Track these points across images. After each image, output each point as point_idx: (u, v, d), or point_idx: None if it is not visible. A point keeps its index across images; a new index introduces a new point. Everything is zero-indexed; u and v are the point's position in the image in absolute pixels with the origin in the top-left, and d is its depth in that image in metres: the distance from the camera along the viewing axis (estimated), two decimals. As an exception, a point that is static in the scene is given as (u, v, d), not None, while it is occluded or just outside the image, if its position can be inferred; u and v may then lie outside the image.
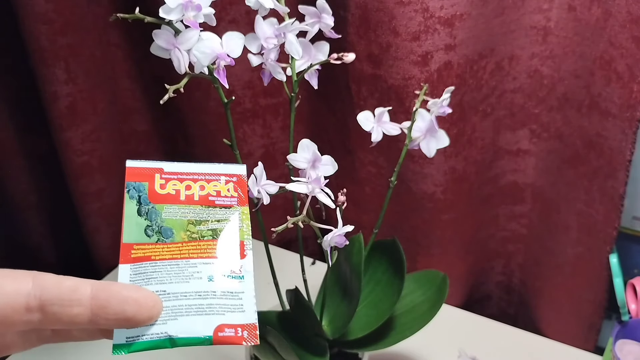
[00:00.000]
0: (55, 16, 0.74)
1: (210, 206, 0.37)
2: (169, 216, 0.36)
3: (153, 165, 0.38)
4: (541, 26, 0.67)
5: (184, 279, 0.35)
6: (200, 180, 0.38)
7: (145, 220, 0.36)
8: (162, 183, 0.37)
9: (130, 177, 0.37)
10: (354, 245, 0.52)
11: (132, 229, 0.36)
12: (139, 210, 0.36)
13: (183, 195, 0.37)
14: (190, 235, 0.36)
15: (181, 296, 0.34)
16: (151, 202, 0.37)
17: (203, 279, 0.35)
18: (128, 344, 0.33)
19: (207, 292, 0.35)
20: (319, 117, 0.83)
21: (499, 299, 0.88)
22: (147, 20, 0.42)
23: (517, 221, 0.81)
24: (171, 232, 0.36)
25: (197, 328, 0.34)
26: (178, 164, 0.38)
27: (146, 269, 0.35)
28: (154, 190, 0.37)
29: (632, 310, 0.64)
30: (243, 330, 0.35)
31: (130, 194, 0.37)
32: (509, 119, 0.74)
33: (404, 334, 0.57)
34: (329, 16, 0.48)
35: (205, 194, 0.38)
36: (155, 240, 0.36)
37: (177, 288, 0.34)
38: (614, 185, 0.66)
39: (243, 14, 0.75)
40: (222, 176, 0.38)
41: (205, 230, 0.36)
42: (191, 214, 0.37)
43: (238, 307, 0.35)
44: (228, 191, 0.38)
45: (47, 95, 0.79)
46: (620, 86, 0.62)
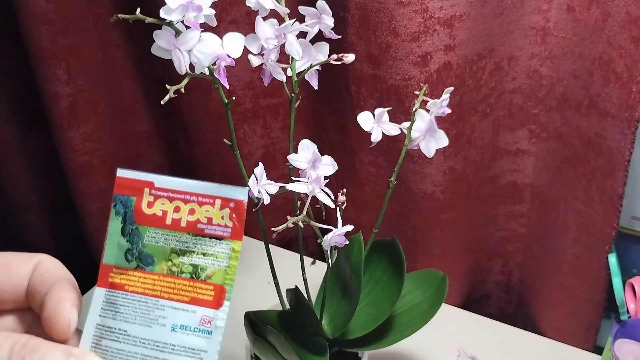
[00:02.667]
0: (56, 17, 0.74)
1: (198, 235, 0.33)
2: (150, 241, 0.33)
3: (144, 178, 0.34)
4: (540, 27, 0.68)
5: (148, 323, 0.32)
6: (192, 202, 0.33)
7: (127, 242, 0.33)
8: (150, 200, 0.33)
9: (119, 189, 0.34)
10: (353, 245, 0.52)
11: (113, 249, 0.33)
12: (123, 230, 0.33)
13: (169, 219, 0.33)
14: (170, 267, 0.33)
15: (139, 342, 0.32)
16: (136, 221, 0.33)
17: (166, 326, 0.32)
18: None
19: (165, 344, 0.32)
20: (319, 117, 0.83)
21: (498, 298, 0.88)
22: (148, 20, 0.43)
23: (516, 221, 0.81)
24: (152, 260, 0.33)
25: None
26: (171, 179, 0.34)
27: (117, 299, 0.33)
28: (140, 209, 0.33)
29: (631, 309, 0.64)
30: None
31: (116, 209, 0.34)
32: (508, 119, 0.74)
33: (404, 333, 0.58)
34: (329, 17, 0.48)
35: (195, 219, 0.33)
36: (135, 266, 0.33)
37: (138, 331, 0.32)
38: (612, 185, 0.66)
39: (243, 14, 0.76)
40: (218, 199, 0.33)
41: (187, 265, 0.33)
42: (175, 241, 0.33)
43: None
44: (222, 219, 0.33)
45: (48, 96, 0.79)
46: (619, 86, 0.62)
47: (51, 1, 0.73)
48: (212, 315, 0.32)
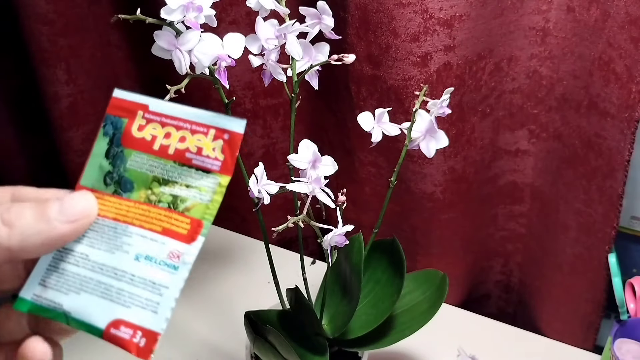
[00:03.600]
0: (56, 17, 0.74)
1: (184, 164, 0.31)
2: (133, 166, 0.31)
3: (140, 100, 0.32)
4: (540, 27, 0.68)
5: (112, 248, 0.30)
6: (184, 129, 0.31)
7: (109, 165, 0.31)
8: (142, 124, 0.31)
9: (113, 109, 0.32)
10: (353, 244, 0.52)
11: (93, 171, 0.31)
12: (108, 152, 0.31)
13: (157, 144, 0.31)
14: (148, 196, 0.30)
15: (97, 268, 0.29)
16: (122, 144, 0.31)
17: (130, 254, 0.29)
18: (30, 301, 0.30)
19: (124, 272, 0.29)
20: (319, 118, 0.83)
21: (498, 298, 0.88)
22: (149, 21, 0.43)
23: (516, 221, 0.81)
24: (131, 186, 0.31)
25: (92, 313, 0.29)
26: (168, 103, 0.31)
27: None
28: (129, 131, 0.31)
29: (630, 309, 0.65)
30: (142, 336, 0.28)
31: (105, 130, 0.32)
32: (508, 119, 0.74)
33: (404, 333, 0.58)
34: (329, 17, 0.48)
35: (184, 148, 0.31)
36: (112, 191, 0.31)
37: (99, 257, 0.30)
38: (612, 185, 0.66)
39: (244, 15, 0.76)
40: (212, 129, 0.30)
41: (167, 195, 0.30)
42: (159, 169, 0.31)
43: (151, 305, 0.29)
44: (213, 150, 0.30)
45: (48, 96, 0.79)
46: (618, 87, 0.62)
47: (51, 1, 0.73)
48: (183, 250, 0.29)
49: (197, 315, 0.77)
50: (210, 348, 0.73)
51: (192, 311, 0.78)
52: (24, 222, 0.27)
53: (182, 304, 0.81)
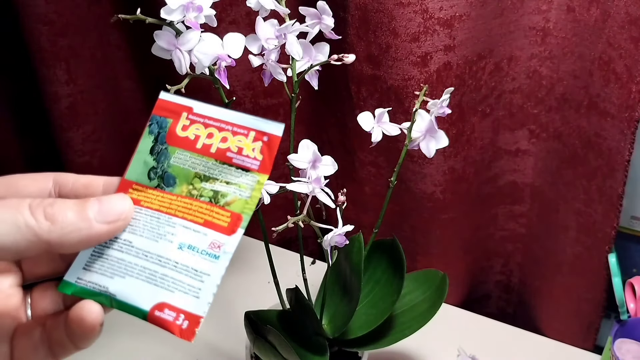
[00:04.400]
0: (55, 17, 0.74)
1: (225, 163, 0.33)
2: (177, 162, 0.33)
3: (185, 103, 0.34)
4: (540, 27, 0.68)
5: (155, 237, 0.31)
6: (226, 131, 0.33)
7: (154, 161, 0.33)
8: (186, 124, 0.34)
9: (159, 111, 0.34)
10: (353, 244, 0.52)
11: (138, 166, 0.33)
12: (152, 149, 0.33)
13: (200, 143, 0.33)
14: (190, 190, 0.32)
15: (142, 254, 0.31)
16: (167, 142, 0.33)
17: (174, 243, 0.31)
18: (74, 284, 0.31)
19: (168, 260, 0.31)
20: (319, 118, 0.83)
21: (498, 298, 0.88)
22: (149, 21, 0.43)
23: (516, 221, 0.81)
24: (173, 181, 0.33)
25: (138, 296, 0.31)
26: (211, 106, 0.34)
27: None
28: (174, 131, 0.34)
29: (630, 309, 0.65)
30: (185, 319, 0.30)
31: (151, 128, 0.34)
32: (508, 119, 0.74)
33: (404, 333, 0.58)
34: (329, 17, 0.48)
35: (226, 147, 0.33)
36: (155, 185, 0.33)
37: (143, 244, 0.31)
38: (612, 185, 0.66)
39: (243, 15, 0.76)
40: (252, 131, 0.33)
41: (208, 190, 0.32)
42: (201, 166, 0.33)
43: (193, 290, 0.31)
44: (253, 151, 0.33)
45: (48, 96, 0.79)
46: (619, 87, 0.62)
47: (51, 1, 0.73)
48: (224, 240, 0.31)
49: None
50: (210, 348, 0.73)
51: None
52: (65, 218, 0.29)
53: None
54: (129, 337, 0.73)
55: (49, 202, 0.29)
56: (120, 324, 0.48)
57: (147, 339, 0.73)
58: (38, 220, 0.28)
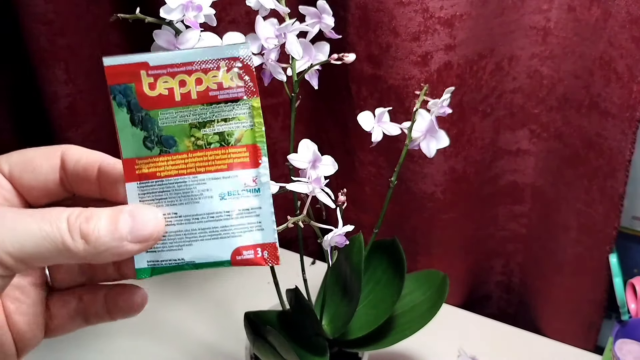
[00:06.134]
0: (54, 16, 0.74)
1: (212, 103, 0.32)
2: (166, 123, 0.32)
3: (136, 60, 0.31)
4: (541, 26, 0.68)
5: (194, 199, 0.32)
6: (196, 72, 0.31)
7: (142, 131, 0.32)
8: (151, 82, 0.31)
9: (113, 79, 0.31)
10: (354, 245, 0.52)
11: (129, 141, 0.32)
12: (132, 119, 0.32)
13: (178, 95, 0.32)
14: (195, 142, 0.32)
15: (193, 219, 0.32)
16: (143, 107, 0.32)
17: (214, 197, 0.32)
18: (150, 267, 0.32)
19: (220, 212, 0.32)
20: (319, 117, 0.83)
21: (498, 298, 0.88)
22: (148, 20, 0.42)
23: (517, 221, 0.81)
24: (173, 141, 0.32)
25: (213, 253, 0.32)
26: (166, 53, 0.32)
27: (154, 188, 0.32)
28: (143, 93, 0.31)
29: (632, 309, 0.64)
30: (263, 250, 0.32)
31: (117, 101, 0.32)
32: (508, 119, 0.74)
33: (404, 333, 0.57)
34: (330, 17, 0.48)
35: (204, 88, 0.32)
36: (158, 152, 0.32)
37: (188, 210, 0.32)
38: (613, 185, 0.66)
39: (243, 14, 0.75)
40: (221, 62, 0.31)
41: (212, 135, 0.32)
42: (192, 116, 0.32)
43: (256, 225, 0.32)
44: (232, 80, 0.32)
45: (47, 96, 0.79)
46: (619, 86, 0.62)
47: (50, 1, 0.73)
48: (255, 174, 0.32)
49: (197, 315, 0.77)
50: (210, 348, 0.73)
51: (192, 311, 0.78)
52: (98, 239, 0.30)
53: (182, 304, 0.81)
54: (129, 337, 0.73)
55: (85, 216, 0.30)
56: (120, 324, 0.48)
57: (147, 339, 0.73)
58: (75, 239, 0.29)
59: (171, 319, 0.76)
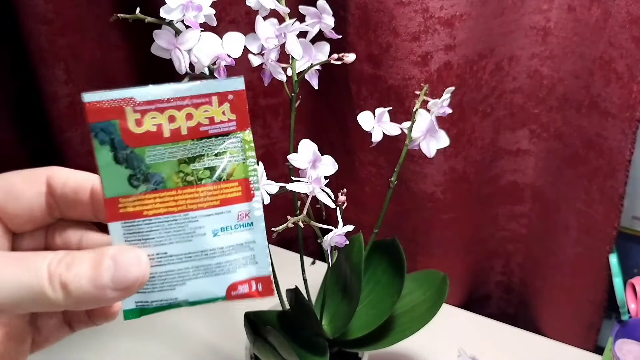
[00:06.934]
0: (54, 16, 0.74)
1: (203, 138, 0.30)
2: (154, 160, 0.30)
3: (120, 96, 0.29)
4: (541, 26, 0.68)
5: (186, 238, 0.30)
6: (187, 107, 0.30)
7: (127, 169, 0.30)
8: (138, 118, 0.29)
9: (94, 117, 0.29)
10: (354, 245, 0.52)
11: (112, 180, 0.30)
12: (116, 158, 0.30)
13: (167, 131, 0.30)
14: (184, 178, 0.30)
15: (185, 258, 0.31)
16: (128, 145, 0.30)
17: (207, 235, 0.31)
18: (138, 308, 0.31)
19: (213, 249, 0.31)
20: (319, 117, 0.83)
21: (498, 298, 0.88)
22: (148, 20, 0.42)
23: (517, 221, 0.81)
24: (161, 178, 0.30)
25: (208, 290, 0.31)
26: (154, 87, 0.30)
27: (140, 228, 0.30)
28: (128, 129, 0.29)
29: (631, 309, 0.64)
30: (257, 283, 0.31)
31: (99, 139, 0.30)
32: (508, 119, 0.74)
33: (404, 333, 0.57)
34: (330, 17, 0.48)
35: (195, 124, 0.30)
36: (144, 190, 0.30)
37: (179, 249, 0.30)
38: (613, 185, 0.66)
39: (243, 14, 0.75)
40: (214, 96, 0.30)
41: (202, 170, 0.30)
42: (181, 151, 0.30)
43: (250, 259, 0.31)
44: (224, 114, 0.30)
45: (47, 96, 0.79)
46: (619, 86, 0.62)
47: (50, 1, 0.73)
48: (247, 208, 0.31)
49: (197, 316, 0.77)
50: (210, 348, 0.73)
51: (192, 311, 0.77)
52: (79, 289, 0.28)
53: (182, 305, 0.81)
54: (128, 337, 0.73)
55: (65, 263, 0.28)
56: (120, 324, 0.48)
57: (147, 339, 0.73)
58: (55, 289, 0.28)
59: (171, 319, 0.76)
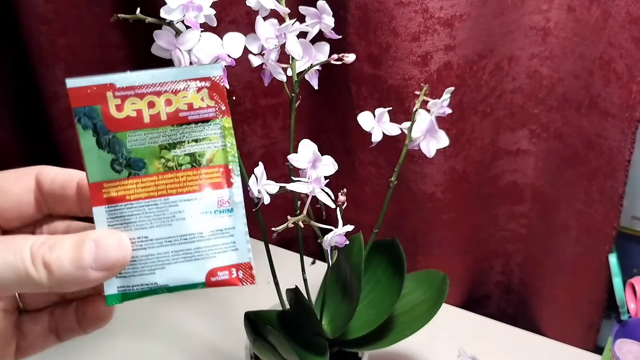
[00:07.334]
0: (54, 16, 0.74)
1: (183, 124, 0.31)
2: (135, 145, 0.31)
3: (101, 82, 0.31)
4: (540, 27, 0.68)
5: (166, 222, 0.31)
6: (165, 93, 0.31)
7: (109, 154, 0.31)
8: (118, 103, 0.31)
9: (77, 102, 0.31)
10: (354, 244, 0.52)
11: (95, 165, 0.31)
12: (99, 142, 0.31)
13: (147, 117, 0.31)
14: (165, 164, 0.31)
15: (165, 242, 0.31)
16: (110, 129, 0.31)
17: (187, 219, 0.31)
18: (119, 294, 0.31)
19: (193, 234, 0.31)
20: (319, 118, 0.83)
21: (498, 298, 0.88)
22: (148, 20, 0.42)
23: (517, 221, 0.81)
24: (143, 163, 0.31)
25: (187, 275, 0.31)
26: (133, 74, 0.31)
27: (123, 212, 0.31)
28: (109, 115, 0.31)
29: (631, 309, 0.64)
30: (238, 270, 0.32)
31: (82, 123, 0.31)
32: (508, 119, 0.74)
33: (404, 333, 0.57)
34: (330, 17, 0.48)
35: (174, 109, 0.31)
36: (126, 175, 0.31)
37: (159, 233, 0.31)
38: (613, 185, 0.66)
39: (243, 14, 0.75)
40: (191, 82, 0.31)
41: (183, 156, 0.31)
42: (162, 137, 0.31)
43: (230, 246, 0.32)
44: (202, 100, 0.31)
45: (47, 96, 0.79)
46: (619, 86, 0.62)
47: (50, 1, 0.73)
48: (227, 194, 0.32)
49: (197, 315, 0.77)
50: (210, 348, 0.73)
51: (192, 311, 0.78)
52: (62, 269, 0.29)
53: (182, 304, 0.81)
54: (128, 337, 0.73)
55: (48, 245, 0.29)
56: (120, 324, 0.48)
57: (147, 339, 0.73)
58: (37, 269, 0.28)
59: (171, 319, 0.76)
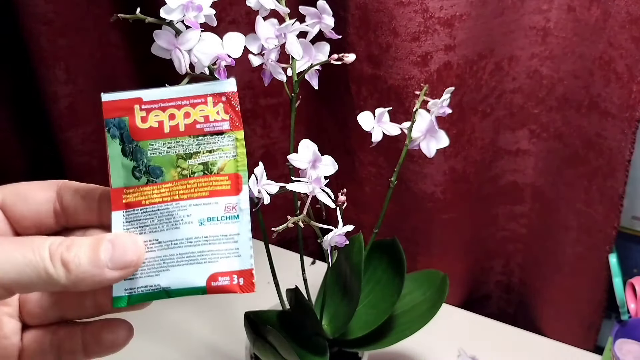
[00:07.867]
0: (55, 16, 0.74)
1: (199, 135, 0.34)
2: (155, 153, 0.34)
3: (131, 96, 0.34)
4: (540, 27, 0.68)
5: (174, 225, 0.33)
6: (185, 106, 0.34)
7: (131, 161, 0.34)
8: (143, 115, 0.34)
9: (109, 114, 0.34)
10: (354, 245, 0.52)
11: (119, 171, 0.34)
12: (124, 150, 0.34)
13: (167, 127, 0.34)
14: (180, 172, 0.34)
15: (172, 244, 0.33)
16: (134, 139, 0.34)
17: (194, 223, 0.33)
18: (126, 296, 0.33)
19: (198, 238, 0.33)
20: (319, 118, 0.83)
21: (498, 298, 0.88)
22: (148, 20, 0.42)
23: (517, 221, 0.81)
24: (160, 172, 0.34)
25: (189, 278, 0.33)
26: (159, 90, 0.34)
27: (138, 216, 0.33)
28: (135, 126, 0.34)
29: (631, 309, 0.64)
30: (239, 277, 0.33)
31: (111, 133, 0.34)
32: (508, 119, 0.74)
33: (404, 333, 0.57)
34: (330, 17, 0.48)
35: (192, 121, 0.34)
36: (145, 181, 0.34)
37: (168, 236, 0.33)
38: (613, 185, 0.66)
39: (243, 14, 0.75)
40: (208, 97, 0.34)
41: (197, 165, 0.34)
42: (179, 147, 0.34)
43: (233, 252, 0.33)
44: (218, 114, 0.34)
45: (47, 96, 0.79)
46: (619, 86, 0.62)
47: (50, 1, 0.73)
48: (235, 200, 0.33)
49: (197, 315, 0.77)
50: (210, 348, 0.73)
51: (192, 311, 0.78)
52: (79, 267, 0.30)
53: (182, 304, 0.81)
54: (128, 337, 0.73)
55: (66, 245, 0.30)
56: (120, 324, 0.48)
57: (147, 339, 0.73)
58: (56, 267, 0.30)
59: (171, 319, 0.76)
